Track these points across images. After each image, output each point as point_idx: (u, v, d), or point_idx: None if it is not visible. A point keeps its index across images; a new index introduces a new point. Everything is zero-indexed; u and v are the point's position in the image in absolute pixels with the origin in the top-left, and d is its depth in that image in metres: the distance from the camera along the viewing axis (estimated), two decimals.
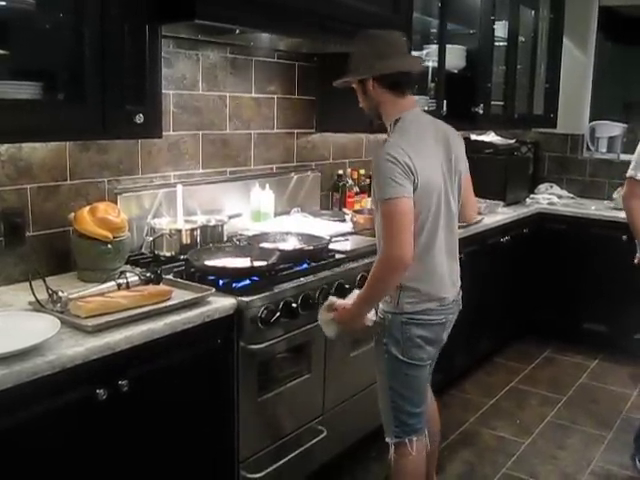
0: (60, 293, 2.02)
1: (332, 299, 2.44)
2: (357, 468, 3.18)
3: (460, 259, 2.55)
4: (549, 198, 5.02)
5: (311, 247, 2.82)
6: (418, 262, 2.24)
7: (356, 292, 2.41)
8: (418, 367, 2.38)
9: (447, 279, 2.38)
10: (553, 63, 5.18)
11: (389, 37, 2.31)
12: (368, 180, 4.01)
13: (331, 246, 2.90)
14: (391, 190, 2.12)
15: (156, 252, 2.69)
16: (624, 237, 4.18)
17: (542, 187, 5.31)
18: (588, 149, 5.41)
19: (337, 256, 2.86)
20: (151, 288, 2.22)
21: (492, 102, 4.42)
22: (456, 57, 4.10)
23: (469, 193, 2.55)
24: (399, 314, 2.32)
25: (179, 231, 2.70)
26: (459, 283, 2.48)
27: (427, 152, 2.26)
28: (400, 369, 2.37)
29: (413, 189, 2.16)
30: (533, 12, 4.89)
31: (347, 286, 2.75)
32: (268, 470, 2.51)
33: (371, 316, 2.40)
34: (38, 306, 2.02)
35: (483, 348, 4.33)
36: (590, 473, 3.25)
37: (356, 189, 3.88)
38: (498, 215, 4.32)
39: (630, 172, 3.14)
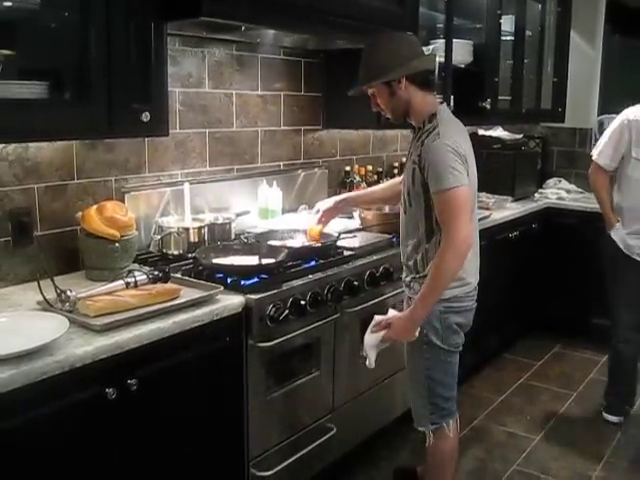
0: (68, 292, 2.02)
1: (378, 317, 2.43)
2: (367, 466, 3.17)
3: None
4: (558, 193, 4.99)
5: (319, 244, 2.81)
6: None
7: (393, 311, 2.44)
8: (454, 353, 2.50)
9: (474, 265, 2.51)
10: (560, 57, 5.15)
11: (409, 39, 2.43)
12: (375, 176, 4.00)
13: (339, 243, 2.88)
14: (454, 179, 2.22)
15: (164, 250, 2.68)
16: None
17: (550, 182, 5.28)
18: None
19: (345, 253, 2.85)
20: (159, 287, 2.22)
21: (499, 97, 4.40)
22: (463, 52, 4.08)
23: None
24: (437, 302, 2.37)
25: (187, 229, 2.69)
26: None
27: (468, 144, 2.39)
28: (439, 357, 2.46)
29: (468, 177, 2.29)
30: (540, 6, 4.87)
31: (356, 283, 2.74)
32: (278, 468, 2.50)
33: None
34: (47, 305, 2.02)
35: (492, 344, 4.31)
36: (601, 469, 3.23)
37: (363, 185, 3.86)
38: (506, 210, 4.31)
39: (594, 154, 3.58)
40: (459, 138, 2.32)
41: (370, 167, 3.99)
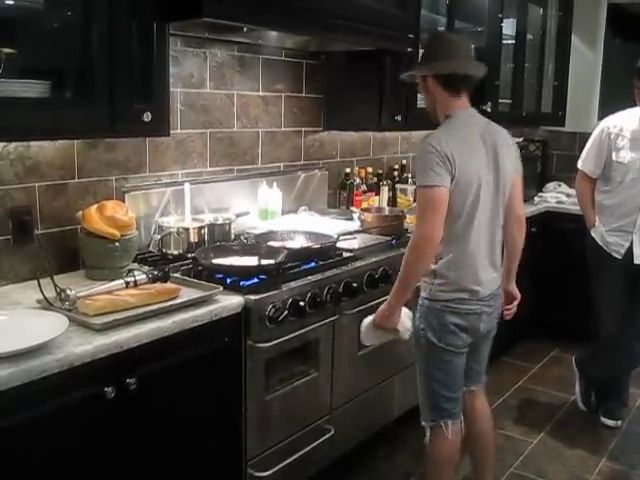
0: (68, 291, 2.02)
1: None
2: (364, 467, 3.17)
3: None
4: (557, 197, 4.98)
5: (319, 245, 2.81)
6: (449, 250, 2.39)
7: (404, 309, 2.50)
8: (453, 353, 2.47)
9: (481, 273, 2.45)
10: (561, 61, 5.15)
11: (454, 40, 2.51)
12: (375, 178, 4.01)
13: (339, 244, 2.89)
14: (428, 179, 2.26)
15: (164, 250, 2.69)
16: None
17: (550, 185, 5.28)
18: None
19: (345, 254, 2.85)
20: (159, 286, 2.22)
21: (500, 100, 4.40)
22: None
23: (518, 197, 2.61)
24: (435, 301, 2.43)
25: (187, 229, 2.70)
26: (494, 280, 2.53)
27: (469, 148, 2.37)
28: (436, 354, 2.47)
29: (450, 180, 2.28)
30: (541, 10, 4.87)
31: (354, 285, 2.75)
32: (276, 469, 2.51)
33: (408, 326, 2.49)
34: (46, 304, 2.03)
35: (490, 347, 4.30)
36: (598, 473, 3.23)
37: (363, 187, 3.88)
38: None
39: (579, 163, 3.75)
40: (452, 140, 2.32)
41: (370, 169, 3.99)
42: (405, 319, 2.49)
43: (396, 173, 4.20)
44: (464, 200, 2.35)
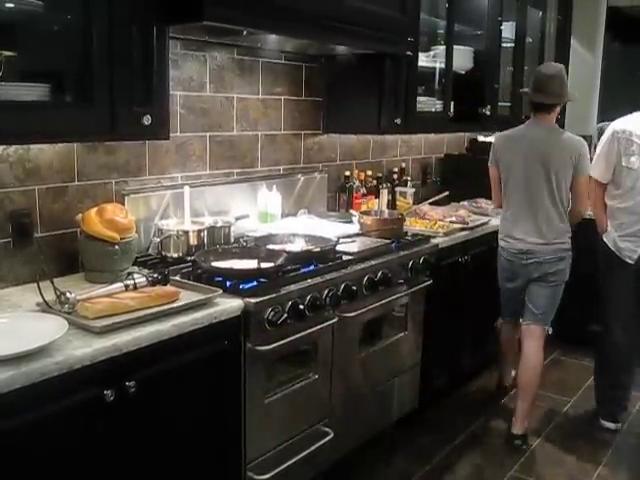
0: (68, 294, 2.02)
1: None
2: (363, 470, 3.17)
3: (466, 260, 3.62)
4: None
5: (318, 248, 2.81)
6: (503, 210, 3.54)
7: None
8: (501, 278, 3.61)
9: (513, 231, 3.45)
10: (561, 64, 5.14)
11: (541, 75, 3.40)
12: (375, 181, 4.01)
13: (338, 247, 2.88)
14: (489, 161, 3.53)
15: (163, 253, 2.69)
16: None
17: None
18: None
19: (344, 257, 2.85)
20: (158, 289, 2.22)
21: (499, 103, 4.43)
22: (463, 58, 4.09)
23: (575, 194, 3.41)
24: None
25: (186, 232, 2.70)
26: (532, 241, 3.40)
27: (513, 146, 3.43)
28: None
29: (496, 163, 3.49)
30: (540, 13, 4.88)
31: (354, 288, 2.75)
32: (275, 471, 2.50)
33: None
34: (46, 307, 2.03)
35: (490, 350, 4.31)
36: (597, 476, 3.23)
37: (363, 190, 3.88)
38: None
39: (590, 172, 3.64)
40: (503, 137, 3.50)
41: (370, 172, 4.00)
42: None
43: (395, 176, 4.21)
44: (506, 179, 3.43)
